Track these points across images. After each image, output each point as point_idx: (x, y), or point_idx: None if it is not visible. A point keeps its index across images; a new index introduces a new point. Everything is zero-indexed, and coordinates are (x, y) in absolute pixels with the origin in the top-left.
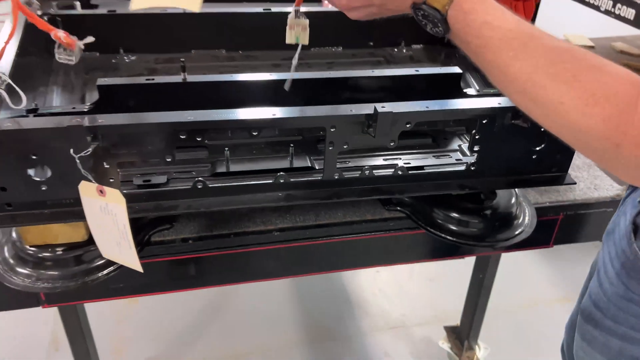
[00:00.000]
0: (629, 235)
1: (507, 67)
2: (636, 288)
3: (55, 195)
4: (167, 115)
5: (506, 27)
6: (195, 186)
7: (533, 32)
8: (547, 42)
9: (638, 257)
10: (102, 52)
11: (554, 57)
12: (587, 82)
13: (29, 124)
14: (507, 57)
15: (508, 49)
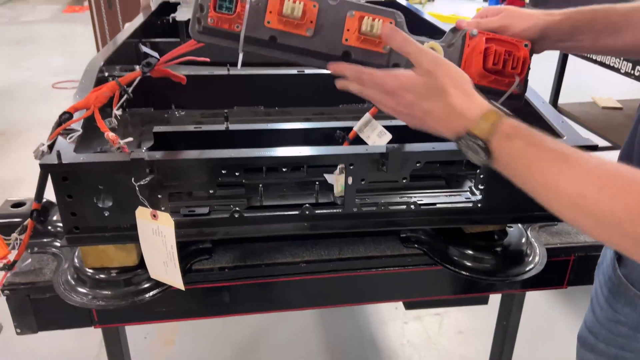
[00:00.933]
0: (614, 263)
1: (556, 185)
2: (622, 310)
3: (115, 221)
4: (210, 153)
5: (548, 147)
6: (233, 215)
7: (574, 151)
8: (587, 157)
9: (622, 281)
10: (156, 107)
11: (599, 171)
12: (635, 192)
13: (99, 158)
14: (554, 175)
15: (554, 167)
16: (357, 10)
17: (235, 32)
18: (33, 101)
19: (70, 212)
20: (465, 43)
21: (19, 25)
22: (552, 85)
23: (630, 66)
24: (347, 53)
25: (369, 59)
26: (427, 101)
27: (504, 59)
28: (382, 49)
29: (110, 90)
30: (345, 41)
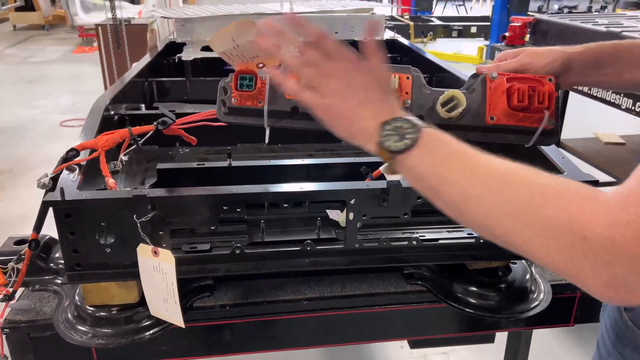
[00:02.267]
0: (620, 306)
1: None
2: (631, 357)
3: (116, 258)
4: (211, 189)
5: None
6: (234, 252)
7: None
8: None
9: (628, 326)
10: (161, 145)
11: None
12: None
13: (102, 195)
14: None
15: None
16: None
17: (259, 107)
18: (41, 139)
19: (72, 249)
20: (486, 86)
21: (30, 65)
22: None
23: (631, 102)
24: None
25: None
26: (363, 76)
27: (528, 95)
28: (403, 103)
29: (121, 137)
30: None
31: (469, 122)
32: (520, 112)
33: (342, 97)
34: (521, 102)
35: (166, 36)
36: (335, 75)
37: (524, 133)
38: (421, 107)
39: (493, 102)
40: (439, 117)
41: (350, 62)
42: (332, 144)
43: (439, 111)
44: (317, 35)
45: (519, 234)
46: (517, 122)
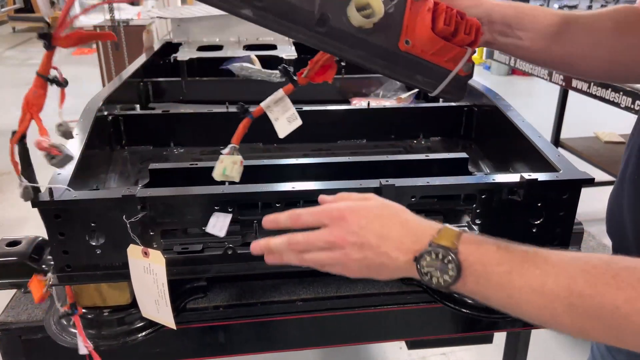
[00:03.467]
0: None
1: (543, 287)
2: None
3: (107, 259)
4: (203, 189)
5: (520, 249)
6: (226, 252)
7: (547, 250)
8: (563, 253)
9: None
10: (155, 145)
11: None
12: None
13: (91, 195)
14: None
15: (535, 268)
16: None
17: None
18: None
19: (62, 250)
20: (406, 5)
21: (29, 67)
22: (554, 120)
23: (630, 100)
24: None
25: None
26: (379, 223)
27: (455, 21)
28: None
29: (39, 87)
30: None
31: (380, 41)
32: (443, 41)
33: (360, 253)
34: (447, 26)
35: (163, 36)
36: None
37: (433, 76)
38: (329, 3)
39: (412, 24)
40: (347, 23)
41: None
42: (327, 143)
43: (351, 14)
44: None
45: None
46: (433, 55)
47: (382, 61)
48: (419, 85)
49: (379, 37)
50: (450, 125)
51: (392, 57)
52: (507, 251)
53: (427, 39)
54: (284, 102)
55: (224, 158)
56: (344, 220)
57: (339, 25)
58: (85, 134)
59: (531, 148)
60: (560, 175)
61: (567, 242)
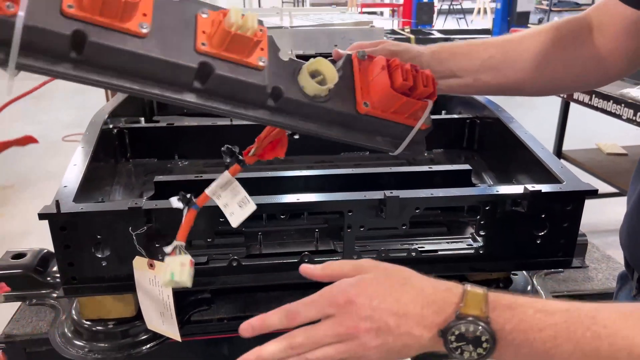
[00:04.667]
0: None
1: (598, 350)
2: None
3: (113, 271)
4: (208, 201)
5: (561, 308)
6: (231, 264)
7: (585, 304)
8: (604, 305)
9: None
10: (160, 158)
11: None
12: None
13: (97, 207)
14: (586, 339)
15: (583, 329)
16: (213, 9)
17: (7, 18)
18: (43, 154)
19: (68, 262)
20: (354, 68)
21: (34, 81)
22: (556, 132)
23: (632, 112)
24: (207, 65)
25: (240, 76)
26: (392, 299)
27: (412, 75)
28: (258, 62)
29: None
30: (202, 46)
31: (336, 107)
32: (405, 97)
33: (379, 339)
34: (406, 80)
35: None
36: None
37: (396, 134)
38: (278, 74)
39: (365, 85)
40: (302, 93)
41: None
42: (331, 155)
43: (305, 83)
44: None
45: None
46: (393, 113)
47: (339, 128)
48: (378, 147)
49: (335, 104)
50: (453, 137)
51: (351, 122)
52: (546, 313)
53: (387, 97)
54: (232, 185)
55: (169, 261)
56: (353, 304)
57: (293, 96)
58: (91, 147)
59: (534, 160)
60: (564, 187)
61: (572, 253)
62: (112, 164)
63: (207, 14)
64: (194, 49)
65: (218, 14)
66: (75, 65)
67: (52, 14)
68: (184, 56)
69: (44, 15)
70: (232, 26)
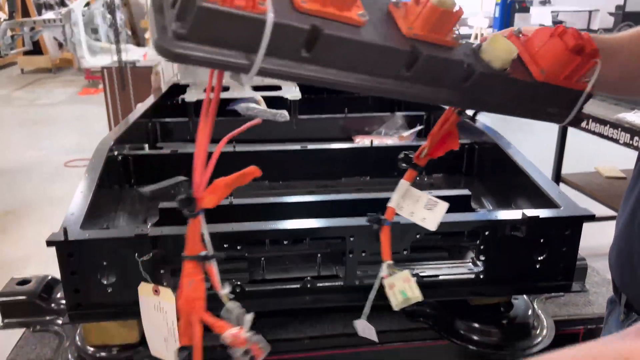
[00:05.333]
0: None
1: None
2: None
3: (118, 297)
4: (212, 227)
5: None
6: (234, 290)
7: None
8: None
9: None
10: None
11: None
12: None
13: (104, 234)
14: None
15: None
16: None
17: (256, 16)
18: (45, 179)
19: (73, 288)
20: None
21: (36, 108)
22: (555, 156)
23: (629, 137)
24: (416, 50)
25: (445, 55)
26: None
27: (580, 35)
28: (456, 40)
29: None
30: (409, 30)
31: (518, 76)
32: (578, 58)
33: None
34: (578, 39)
35: (170, 78)
36: None
37: (562, 103)
38: (464, 53)
39: (534, 55)
40: (489, 67)
41: None
42: (332, 180)
43: (490, 57)
44: None
45: None
46: (565, 79)
47: (517, 101)
48: (548, 119)
49: (518, 74)
50: (453, 162)
51: (528, 92)
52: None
53: (562, 60)
54: (411, 192)
55: (392, 282)
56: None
57: (486, 70)
58: (97, 174)
59: (532, 185)
60: (561, 212)
61: (571, 277)
62: (116, 190)
63: (399, 5)
64: (402, 35)
65: (409, 3)
66: (306, 64)
67: (289, 10)
68: (396, 42)
69: (285, 11)
70: (440, 3)
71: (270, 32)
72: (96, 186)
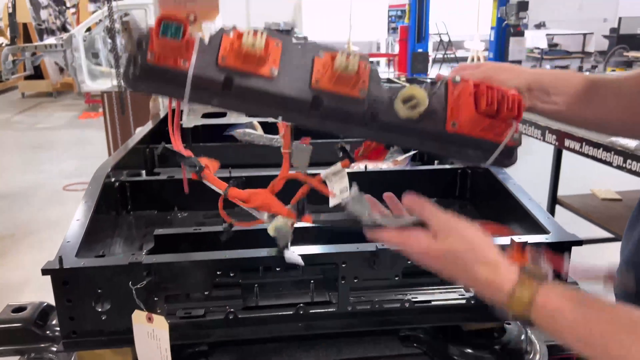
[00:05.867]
0: None
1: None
2: None
3: (112, 324)
4: (205, 255)
5: (600, 318)
6: (227, 317)
7: (626, 314)
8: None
9: None
10: (160, 210)
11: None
12: None
13: (99, 262)
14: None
15: (617, 333)
16: (327, 51)
17: (182, 70)
18: (44, 203)
19: (68, 316)
20: (448, 91)
21: (36, 131)
22: (550, 178)
23: (622, 159)
24: (318, 99)
25: (344, 106)
26: (451, 271)
27: (498, 100)
28: (359, 93)
29: None
30: (315, 83)
31: (428, 126)
32: (488, 119)
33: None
34: (490, 105)
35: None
36: None
37: (484, 149)
38: (377, 101)
39: (456, 108)
40: (396, 116)
41: None
42: (326, 205)
43: (398, 108)
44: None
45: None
46: (480, 132)
47: (432, 143)
48: (471, 160)
49: (427, 124)
50: (446, 187)
51: (443, 138)
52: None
53: (472, 119)
54: (341, 174)
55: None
56: None
57: (388, 119)
58: (94, 200)
59: (522, 210)
60: (550, 238)
61: None
62: (113, 217)
63: (321, 55)
64: (309, 86)
65: (329, 56)
66: (224, 98)
67: (211, 65)
68: (301, 92)
69: (207, 66)
70: (339, 68)
71: (191, 79)
72: (93, 213)
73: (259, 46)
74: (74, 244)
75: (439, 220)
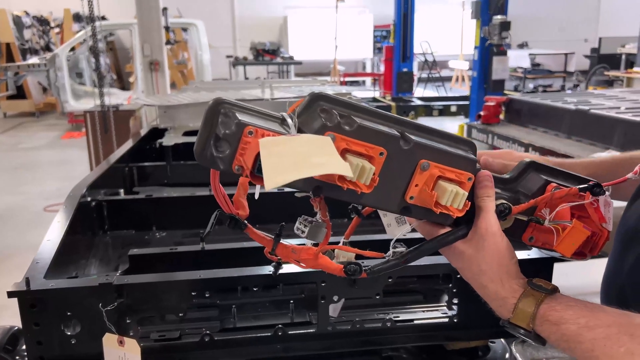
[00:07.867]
0: None
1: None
2: None
3: (82, 349)
4: (179, 275)
5: (604, 323)
6: (203, 339)
7: (631, 319)
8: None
9: None
10: (137, 229)
11: None
12: None
13: (67, 283)
14: (620, 354)
15: (618, 345)
16: (434, 160)
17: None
18: (24, 225)
19: (36, 340)
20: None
21: (18, 152)
22: None
23: None
24: (407, 209)
25: (430, 217)
26: (468, 273)
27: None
28: (435, 207)
29: None
30: (410, 199)
31: None
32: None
33: None
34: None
35: (151, 122)
36: None
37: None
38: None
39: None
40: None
41: None
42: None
43: None
44: None
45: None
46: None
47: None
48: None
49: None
50: None
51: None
52: (588, 329)
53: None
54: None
55: None
56: None
57: None
58: (67, 221)
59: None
60: (532, 254)
61: None
62: (89, 237)
63: (426, 167)
64: (402, 198)
65: (433, 171)
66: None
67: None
68: (391, 204)
69: None
70: (443, 200)
71: None
72: (65, 233)
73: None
74: (43, 265)
75: (484, 222)
